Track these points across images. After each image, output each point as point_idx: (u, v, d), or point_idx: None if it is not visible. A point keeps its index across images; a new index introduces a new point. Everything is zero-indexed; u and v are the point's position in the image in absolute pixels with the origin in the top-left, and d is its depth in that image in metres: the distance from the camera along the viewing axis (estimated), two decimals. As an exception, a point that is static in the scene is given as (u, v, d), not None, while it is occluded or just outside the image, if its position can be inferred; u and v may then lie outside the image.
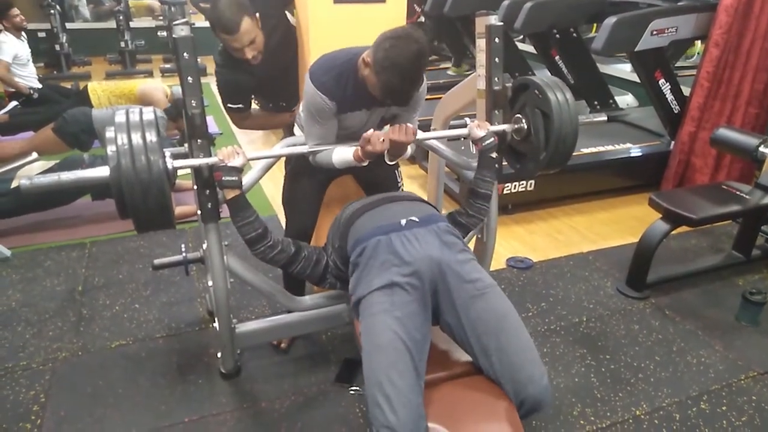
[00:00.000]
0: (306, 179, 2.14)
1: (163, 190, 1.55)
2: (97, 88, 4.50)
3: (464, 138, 2.03)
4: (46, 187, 1.56)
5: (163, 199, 1.56)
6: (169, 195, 1.60)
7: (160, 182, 1.54)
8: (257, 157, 1.89)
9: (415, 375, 1.36)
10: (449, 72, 6.16)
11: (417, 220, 1.63)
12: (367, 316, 1.48)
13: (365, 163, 1.83)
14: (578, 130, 1.97)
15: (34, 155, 3.16)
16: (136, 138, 1.53)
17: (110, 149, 1.52)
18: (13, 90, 5.07)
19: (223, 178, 1.67)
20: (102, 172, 1.58)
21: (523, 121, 2.02)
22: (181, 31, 1.62)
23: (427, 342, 1.46)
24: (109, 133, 1.55)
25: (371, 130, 1.74)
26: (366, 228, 1.64)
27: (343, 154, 1.85)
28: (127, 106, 4.04)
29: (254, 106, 2.60)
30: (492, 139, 1.92)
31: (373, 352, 1.39)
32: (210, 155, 1.70)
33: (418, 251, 1.52)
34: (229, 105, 2.32)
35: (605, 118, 2.26)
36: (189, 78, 1.64)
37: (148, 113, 1.61)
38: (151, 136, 1.55)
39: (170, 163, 1.62)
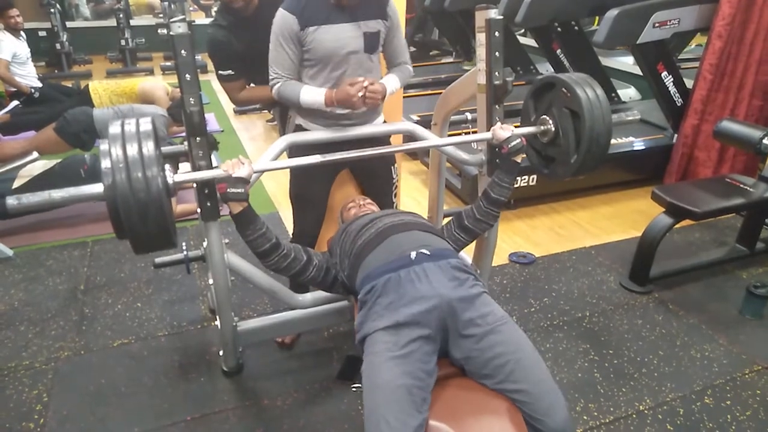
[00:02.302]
0: (312, 177, 2.14)
1: (162, 211, 1.43)
2: (98, 88, 4.51)
3: (486, 141, 1.97)
4: (36, 206, 1.44)
5: (164, 221, 1.44)
6: (169, 215, 1.49)
7: (159, 203, 1.41)
8: (264, 170, 1.81)
9: (415, 414, 1.31)
10: (464, 67, 6.05)
11: (428, 253, 1.56)
12: (369, 354, 1.44)
13: (334, 109, 1.91)
14: (612, 128, 1.86)
15: (35, 155, 3.16)
16: (132, 153, 1.41)
17: (104, 165, 1.40)
18: (14, 89, 5.07)
19: (229, 190, 1.58)
20: (96, 188, 1.45)
21: (550, 122, 1.95)
22: (179, 28, 1.60)
23: (432, 378, 1.40)
24: (104, 146, 1.43)
25: (361, 80, 1.84)
26: (375, 264, 1.58)
27: (312, 94, 1.90)
28: (130, 105, 4.06)
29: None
30: (519, 141, 1.82)
31: (372, 391, 1.36)
32: (208, 152, 1.69)
33: (428, 289, 1.46)
34: (220, 72, 2.31)
35: (639, 116, 2.20)
36: (187, 75, 1.63)
37: (145, 124, 1.49)
38: (149, 151, 1.42)
39: (171, 178, 1.53)
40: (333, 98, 1.88)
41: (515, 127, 2.05)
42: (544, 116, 1.98)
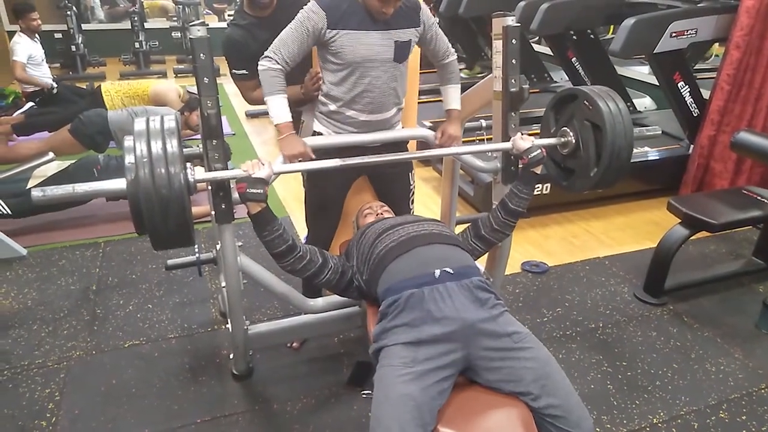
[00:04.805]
0: (328, 184, 2.13)
1: (183, 207, 1.45)
2: (111, 90, 4.53)
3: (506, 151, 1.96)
4: (59, 198, 1.46)
5: (184, 218, 1.46)
6: (189, 212, 1.50)
7: (180, 199, 1.43)
8: (283, 171, 1.80)
9: (420, 431, 1.31)
10: (462, 74, 6.09)
11: (451, 272, 1.54)
12: (385, 365, 1.43)
13: (359, 115, 1.96)
14: (633, 144, 1.84)
15: (51, 155, 3.18)
16: (156, 149, 1.43)
17: (128, 160, 1.42)
18: (31, 90, 5.13)
19: (248, 191, 1.58)
20: (118, 184, 1.47)
21: (571, 134, 1.94)
22: (198, 31, 1.61)
23: (443, 398, 1.39)
24: (128, 143, 1.45)
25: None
26: (398, 277, 1.57)
27: (279, 111, 1.87)
28: (144, 107, 4.08)
29: None
30: (539, 152, 1.81)
31: (382, 402, 1.35)
32: (224, 155, 1.69)
33: (451, 311, 1.45)
34: (234, 71, 2.30)
35: (660, 131, 2.18)
36: (205, 78, 1.63)
37: (170, 121, 1.51)
38: (173, 148, 1.45)
39: (192, 176, 1.54)
40: (283, 137, 1.88)
41: (531, 135, 2.04)
42: (565, 128, 1.97)
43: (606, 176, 1.88)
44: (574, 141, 1.94)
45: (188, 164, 1.56)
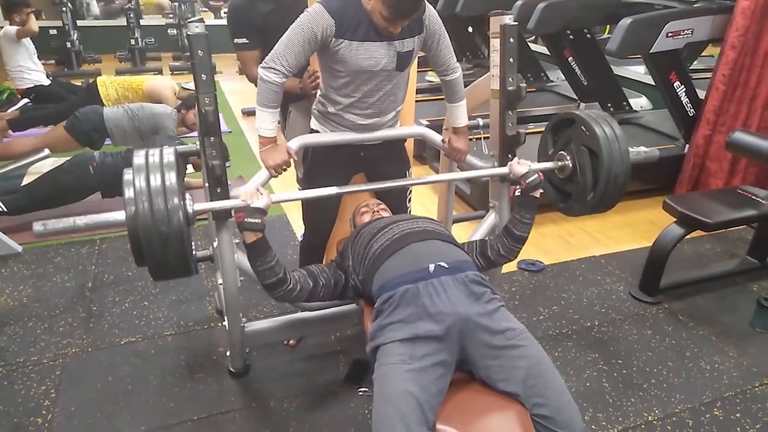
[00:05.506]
0: (324, 182, 2.12)
1: (182, 242, 1.46)
2: (106, 81, 4.57)
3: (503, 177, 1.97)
4: (60, 231, 1.48)
5: (183, 251, 1.47)
6: (189, 245, 1.51)
7: (179, 234, 1.44)
8: (282, 200, 1.80)
9: (423, 429, 1.31)
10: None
11: (446, 266, 1.55)
12: (383, 364, 1.44)
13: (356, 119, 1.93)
14: (630, 169, 1.85)
15: (46, 152, 3.17)
16: (155, 184, 1.45)
17: (127, 195, 1.44)
18: (25, 87, 5.12)
19: (246, 220, 1.57)
20: (118, 216, 1.49)
21: (568, 158, 1.94)
22: (196, 28, 1.61)
23: (442, 395, 1.40)
24: (127, 176, 1.47)
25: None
26: (392, 273, 1.58)
27: (264, 123, 1.82)
28: (140, 104, 4.04)
29: None
30: (536, 176, 1.81)
31: (383, 402, 1.36)
32: (222, 153, 1.69)
33: (446, 305, 1.46)
34: (236, 40, 2.30)
35: (658, 154, 2.20)
36: (203, 75, 1.63)
37: (169, 155, 1.52)
38: (171, 182, 1.46)
39: (191, 207, 1.55)
40: (265, 149, 1.85)
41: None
42: (562, 152, 1.98)
43: (603, 201, 1.90)
44: (571, 165, 1.95)
45: (187, 195, 1.55)
